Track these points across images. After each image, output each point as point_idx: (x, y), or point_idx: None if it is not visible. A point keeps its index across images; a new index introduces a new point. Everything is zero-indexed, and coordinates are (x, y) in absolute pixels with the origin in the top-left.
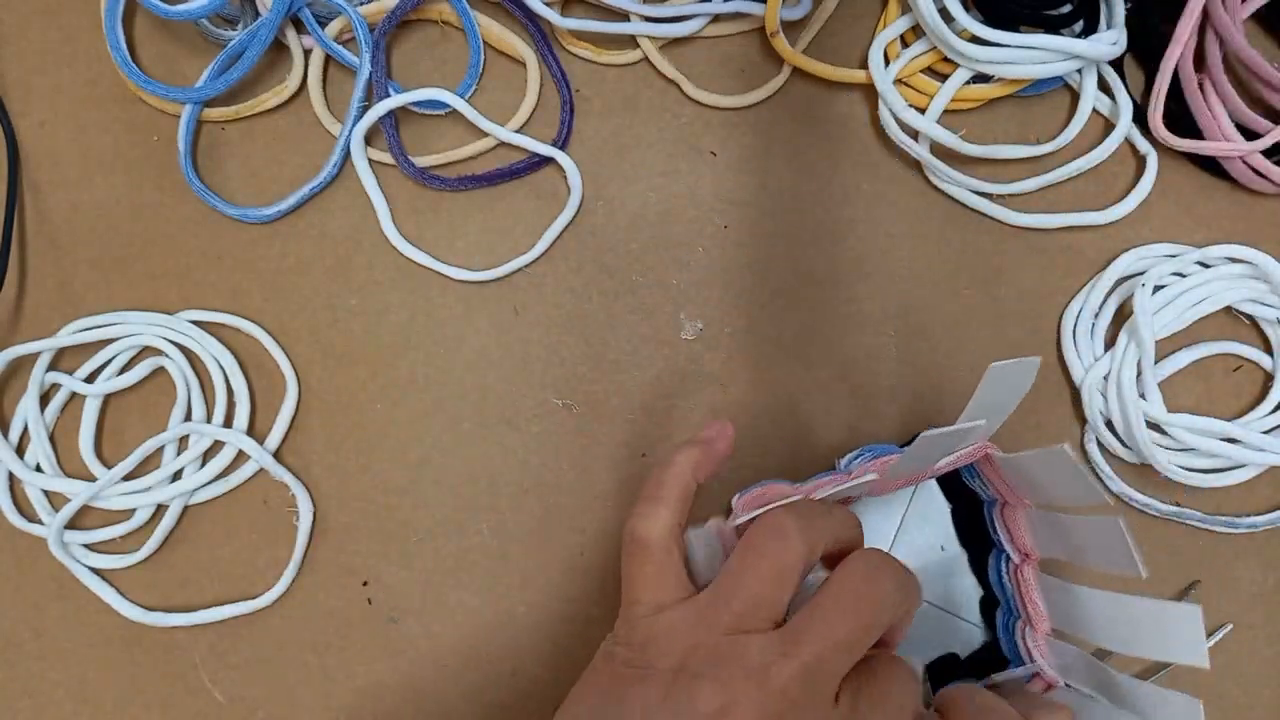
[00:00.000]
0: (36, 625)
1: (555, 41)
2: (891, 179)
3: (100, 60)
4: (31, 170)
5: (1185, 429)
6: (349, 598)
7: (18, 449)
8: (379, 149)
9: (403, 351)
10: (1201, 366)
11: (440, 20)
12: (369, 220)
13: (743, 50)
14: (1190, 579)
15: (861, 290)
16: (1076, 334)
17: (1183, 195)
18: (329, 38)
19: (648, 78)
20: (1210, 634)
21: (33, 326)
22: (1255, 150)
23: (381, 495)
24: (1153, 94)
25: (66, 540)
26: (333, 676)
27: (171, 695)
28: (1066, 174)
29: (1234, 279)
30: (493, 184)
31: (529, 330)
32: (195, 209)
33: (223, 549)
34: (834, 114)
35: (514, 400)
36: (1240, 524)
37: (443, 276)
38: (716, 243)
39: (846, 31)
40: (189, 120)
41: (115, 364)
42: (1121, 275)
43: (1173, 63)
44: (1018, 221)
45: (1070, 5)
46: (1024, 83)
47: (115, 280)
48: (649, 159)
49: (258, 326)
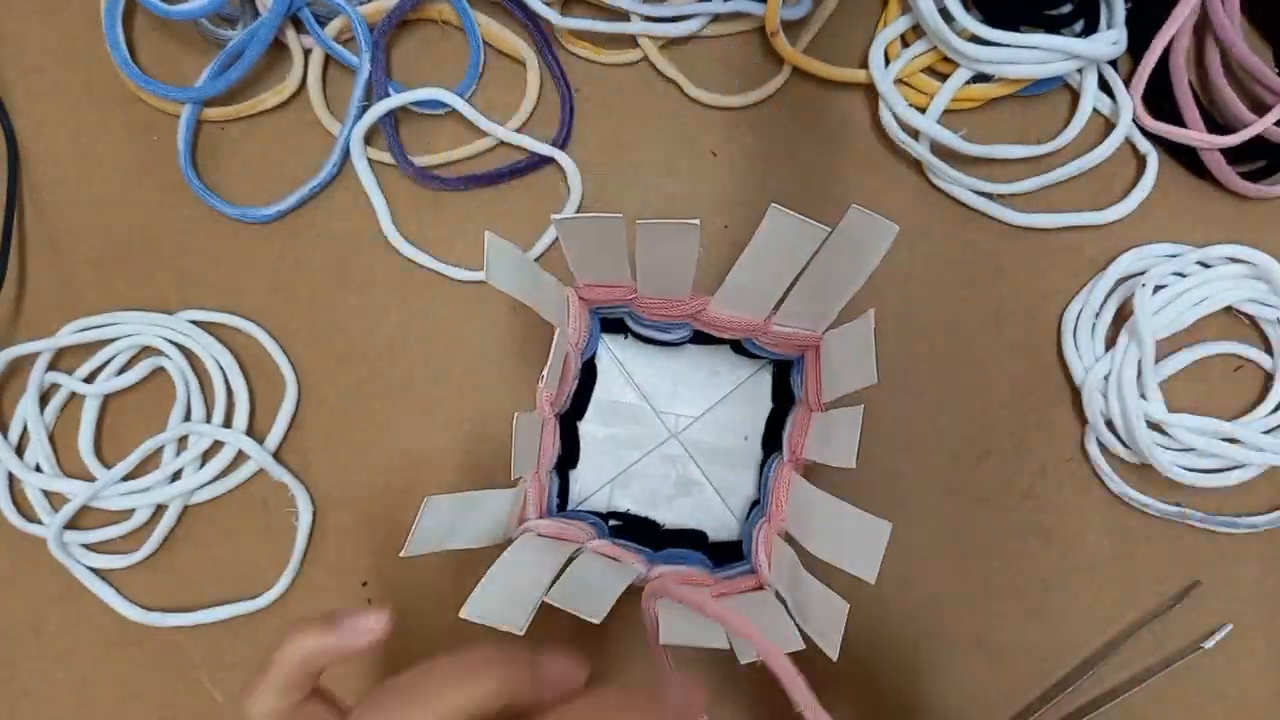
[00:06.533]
0: (36, 625)
1: (555, 41)
2: (891, 179)
3: (100, 60)
4: (31, 170)
5: (1185, 429)
6: (349, 598)
7: (18, 449)
8: (379, 149)
9: (403, 351)
10: (1201, 366)
11: (440, 20)
12: (369, 220)
13: (743, 50)
14: (1190, 579)
15: (860, 290)
16: (1077, 334)
17: (1183, 195)
18: (329, 37)
19: (648, 78)
20: (1210, 634)
21: (33, 326)
22: (1225, 144)
23: (381, 495)
24: (1138, 70)
25: (66, 540)
26: (333, 676)
27: (171, 695)
28: (1066, 174)
29: (1234, 279)
30: (493, 184)
31: (529, 330)
32: (195, 209)
33: (223, 549)
34: (834, 114)
35: (513, 400)
36: (1240, 524)
37: (443, 276)
38: (716, 243)
39: (846, 31)
40: (189, 120)
41: (115, 364)
42: (1122, 275)
43: (1163, 42)
44: (1018, 221)
45: (1070, 5)
46: (1024, 83)
47: (115, 280)
48: (649, 159)
49: (258, 326)
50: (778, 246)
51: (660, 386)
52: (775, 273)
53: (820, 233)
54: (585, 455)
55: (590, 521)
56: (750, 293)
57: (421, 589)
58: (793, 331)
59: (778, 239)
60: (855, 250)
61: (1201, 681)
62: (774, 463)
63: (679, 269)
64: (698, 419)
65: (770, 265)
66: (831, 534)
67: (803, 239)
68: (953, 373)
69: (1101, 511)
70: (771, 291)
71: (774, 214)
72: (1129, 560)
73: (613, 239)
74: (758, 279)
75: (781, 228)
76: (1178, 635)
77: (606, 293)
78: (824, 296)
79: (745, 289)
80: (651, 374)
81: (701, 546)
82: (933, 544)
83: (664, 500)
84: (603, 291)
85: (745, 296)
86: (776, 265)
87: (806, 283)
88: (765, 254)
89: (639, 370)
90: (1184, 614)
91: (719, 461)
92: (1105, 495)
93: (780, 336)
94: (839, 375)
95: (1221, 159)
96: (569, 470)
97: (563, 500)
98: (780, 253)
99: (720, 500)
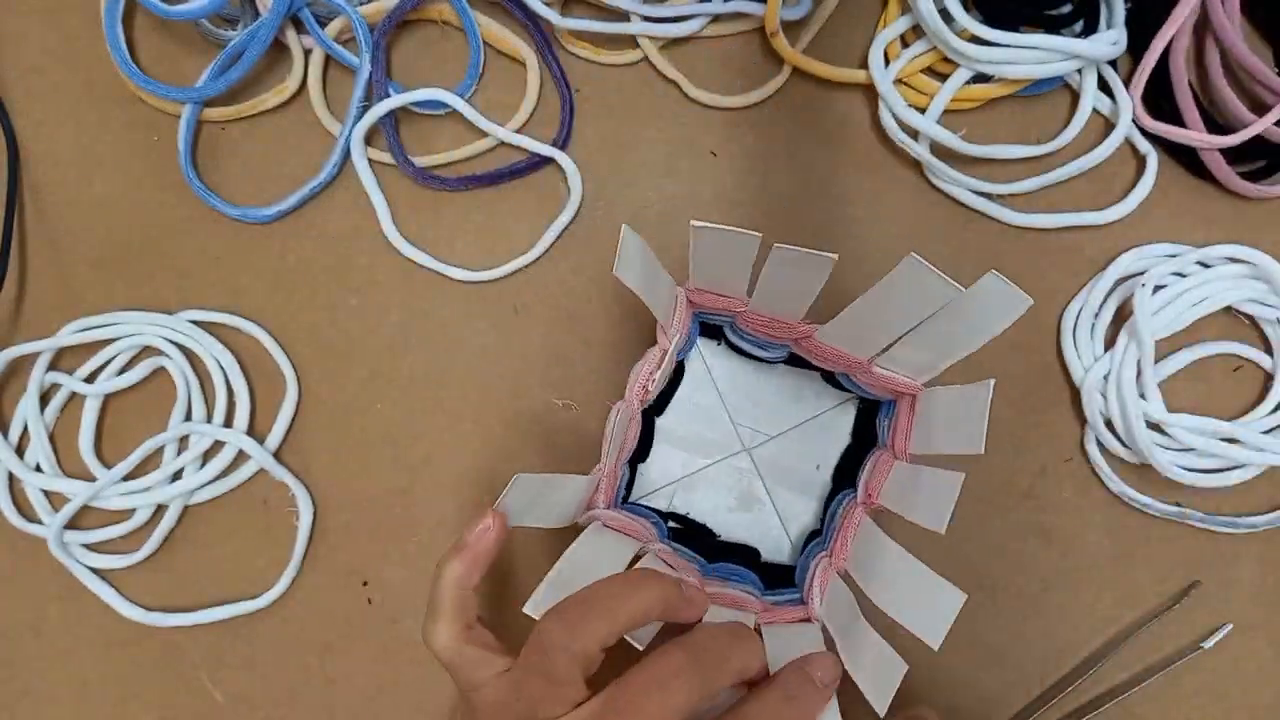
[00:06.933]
0: (36, 625)
1: (555, 41)
2: (891, 179)
3: (100, 60)
4: (31, 170)
5: (1185, 429)
6: (349, 598)
7: (18, 449)
8: (379, 149)
9: (403, 351)
10: (1201, 366)
11: (440, 20)
12: (369, 220)
13: (743, 50)
14: (1190, 579)
15: (861, 290)
16: (1076, 334)
17: (1183, 195)
18: (329, 38)
19: (648, 78)
20: (1210, 634)
21: (33, 326)
22: (1224, 144)
23: (381, 495)
24: (1138, 70)
25: (66, 540)
26: (333, 677)
27: (171, 695)
28: (1066, 174)
29: (1234, 279)
30: (493, 184)
31: (529, 330)
32: (195, 209)
33: (223, 549)
34: (834, 114)
35: (514, 400)
36: (1240, 524)
37: (443, 276)
38: None
39: (846, 31)
40: (189, 120)
41: (115, 364)
42: (1121, 275)
43: (1163, 42)
44: (1018, 221)
45: (1070, 5)
46: (1024, 83)
47: (115, 280)
48: (649, 159)
49: (258, 326)
50: (905, 296)
51: (742, 399)
52: (894, 319)
53: (952, 291)
54: (656, 451)
55: (652, 520)
56: (862, 332)
57: (422, 589)
58: (892, 376)
59: (907, 288)
60: (982, 314)
61: (1201, 681)
62: (844, 499)
63: (800, 296)
64: (773, 438)
65: (891, 311)
66: (898, 588)
67: (933, 294)
68: (952, 373)
69: (1101, 511)
70: (884, 336)
71: (910, 264)
72: (1129, 560)
73: (744, 255)
74: (874, 321)
75: (914, 278)
76: (1178, 635)
77: (716, 300)
78: (936, 351)
79: (858, 327)
80: (737, 386)
81: (752, 564)
82: (932, 543)
83: (723, 511)
84: (713, 299)
85: (855, 334)
86: (898, 313)
87: (922, 334)
88: (889, 299)
89: (725, 379)
90: (1184, 614)
91: (786, 485)
92: (1105, 495)
93: (879, 379)
94: (938, 434)
95: (1221, 159)
96: (639, 463)
97: (627, 492)
98: (906, 302)
99: (780, 523)
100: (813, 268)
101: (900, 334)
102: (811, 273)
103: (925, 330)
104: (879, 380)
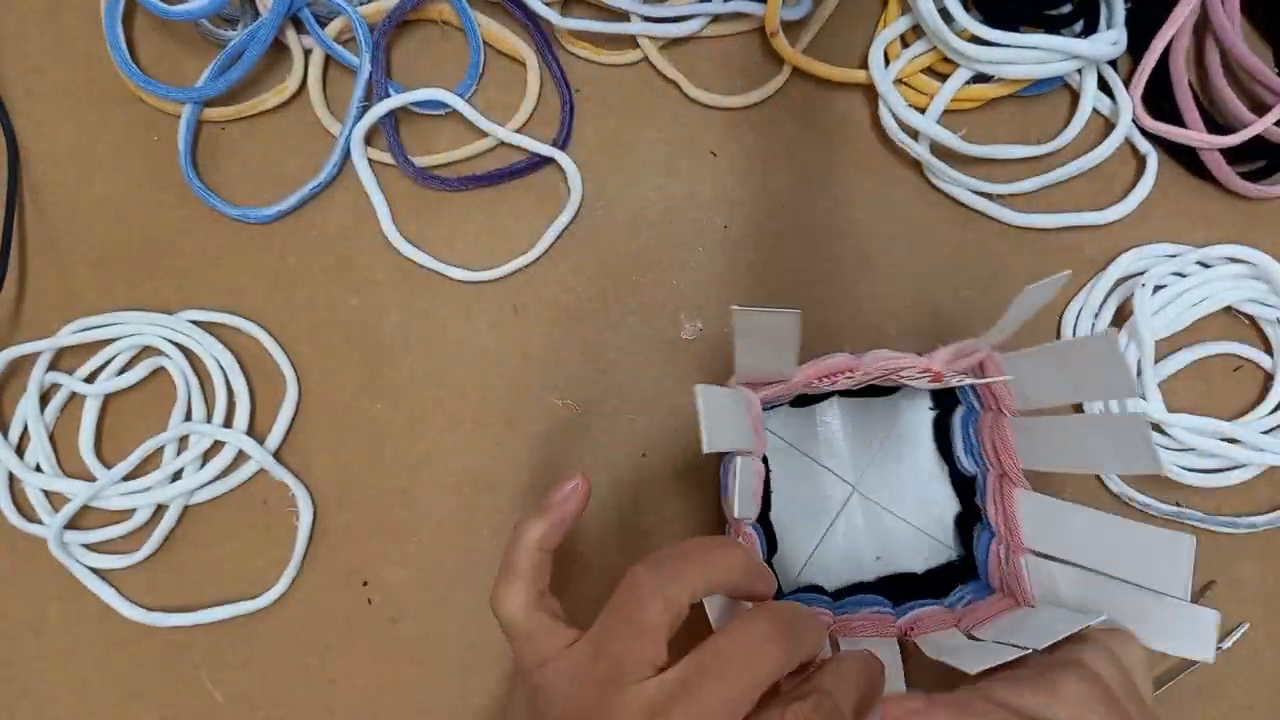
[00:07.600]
0: (36, 625)
1: (555, 41)
2: (891, 179)
3: (100, 60)
4: (31, 170)
5: (1185, 429)
6: (349, 598)
7: (18, 449)
8: (379, 149)
9: (403, 351)
10: (1201, 366)
11: (440, 20)
12: (369, 220)
13: (743, 50)
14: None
15: (861, 290)
16: (1076, 334)
17: (1183, 195)
18: (329, 38)
19: (648, 78)
20: (1228, 634)
21: (33, 326)
22: (1224, 144)
23: (381, 495)
24: (1138, 70)
25: (66, 540)
26: (333, 676)
27: (171, 695)
28: (1066, 174)
29: (1234, 279)
30: (493, 184)
31: (529, 330)
32: (195, 209)
33: (223, 549)
34: (834, 114)
35: (514, 400)
36: (1240, 524)
37: (443, 276)
38: (716, 243)
39: (846, 31)
40: (189, 120)
41: (115, 364)
42: (1121, 275)
43: (1163, 42)
44: (1018, 221)
45: (1070, 5)
46: (1024, 83)
47: (115, 280)
48: (649, 159)
49: (258, 326)
50: (1077, 369)
51: (817, 447)
52: (1059, 384)
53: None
54: (783, 544)
55: (823, 604)
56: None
57: (422, 589)
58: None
59: (1082, 360)
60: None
61: (1202, 681)
62: (985, 478)
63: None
64: (873, 461)
65: (1058, 376)
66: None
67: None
68: None
69: None
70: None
71: (1103, 339)
72: None
73: (788, 334)
74: (1036, 374)
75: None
76: None
77: (770, 390)
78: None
79: (1016, 375)
80: (803, 437)
81: (915, 585)
82: None
83: (869, 562)
84: (768, 390)
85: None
86: (1063, 381)
87: None
88: (1058, 363)
89: (792, 435)
90: None
91: (905, 495)
92: (1105, 495)
93: None
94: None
95: (1221, 159)
96: (771, 558)
97: None
98: (1073, 371)
99: (916, 529)
100: (782, 324)
101: (1053, 400)
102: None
103: None
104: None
